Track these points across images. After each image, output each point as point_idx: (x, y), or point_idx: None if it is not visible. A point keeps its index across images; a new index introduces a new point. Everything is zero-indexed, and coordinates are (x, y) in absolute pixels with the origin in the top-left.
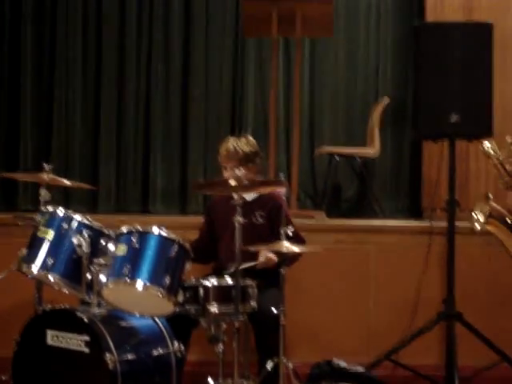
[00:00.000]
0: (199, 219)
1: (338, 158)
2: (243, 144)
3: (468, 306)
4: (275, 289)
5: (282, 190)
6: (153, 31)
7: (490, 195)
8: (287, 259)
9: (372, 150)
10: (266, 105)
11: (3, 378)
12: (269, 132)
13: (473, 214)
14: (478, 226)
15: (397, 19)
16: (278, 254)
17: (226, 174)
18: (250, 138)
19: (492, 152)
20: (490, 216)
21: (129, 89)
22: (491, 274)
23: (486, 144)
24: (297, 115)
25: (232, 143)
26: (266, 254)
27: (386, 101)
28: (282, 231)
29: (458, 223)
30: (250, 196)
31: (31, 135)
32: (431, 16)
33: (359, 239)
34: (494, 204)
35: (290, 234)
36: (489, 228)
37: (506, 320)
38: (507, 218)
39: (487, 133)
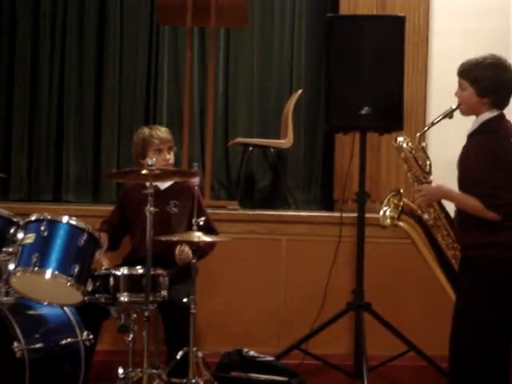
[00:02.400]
0: (111, 208)
1: (251, 149)
2: (161, 131)
3: (377, 296)
4: (186, 278)
5: (195, 180)
6: (67, 17)
7: (402, 190)
8: (199, 250)
9: (285, 142)
10: (180, 94)
11: None
12: (182, 121)
13: (383, 209)
14: (387, 222)
15: (311, 12)
16: (190, 244)
17: (165, 156)
18: (163, 128)
19: (405, 145)
20: (402, 212)
21: (42, 76)
22: (400, 266)
23: (399, 138)
24: (211, 105)
25: (158, 129)
26: (182, 250)
27: (299, 93)
28: (194, 221)
29: (368, 215)
30: (163, 185)
31: None
32: (345, 8)
33: (271, 229)
34: (406, 200)
35: (202, 223)
36: (401, 224)
37: (414, 311)
38: (416, 212)
39: (398, 126)
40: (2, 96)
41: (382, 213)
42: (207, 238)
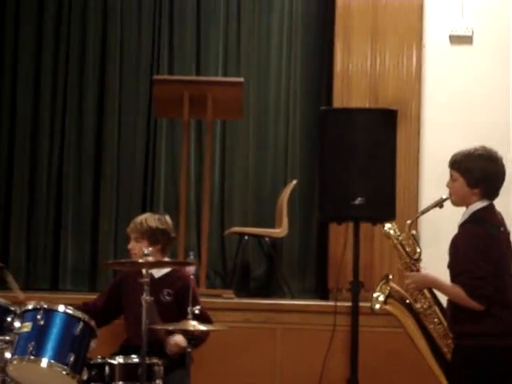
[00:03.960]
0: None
1: (247, 238)
2: (152, 219)
3: None
4: (182, 368)
5: (190, 269)
6: (67, 106)
7: (391, 276)
8: (194, 339)
9: (280, 231)
10: (177, 183)
11: None
12: (179, 211)
13: (374, 294)
14: (377, 306)
15: (305, 103)
16: (185, 333)
17: (129, 245)
18: (167, 218)
19: (392, 232)
20: (390, 296)
21: (41, 164)
22: (394, 354)
23: (387, 225)
24: (207, 196)
25: (142, 216)
26: (174, 340)
27: (293, 183)
28: (189, 310)
29: (362, 304)
30: (158, 273)
31: None
32: (338, 101)
33: (266, 318)
34: (394, 285)
35: (198, 312)
36: (388, 308)
37: None
38: (406, 299)
39: (390, 216)
40: (2, 184)
41: (373, 297)
42: (202, 327)
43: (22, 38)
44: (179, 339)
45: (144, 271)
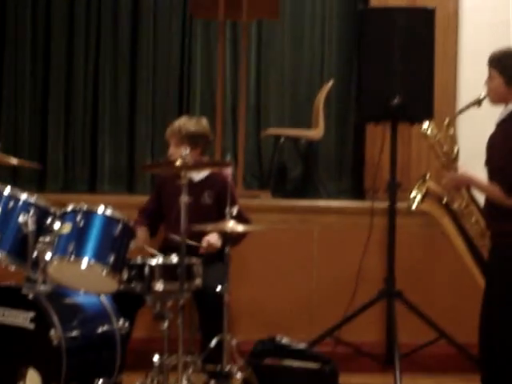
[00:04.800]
0: (146, 199)
1: (283, 139)
2: (190, 123)
3: (408, 284)
4: (220, 267)
5: (228, 171)
6: (101, 11)
7: (428, 175)
8: (231, 239)
9: (316, 132)
10: (213, 85)
11: None
12: (215, 113)
13: (411, 193)
14: (414, 205)
15: (342, 4)
16: (223, 233)
17: (169, 150)
18: (203, 120)
19: (429, 132)
20: (427, 195)
21: (77, 68)
22: (430, 253)
23: (424, 125)
24: (243, 97)
25: (180, 121)
26: (207, 240)
27: (330, 84)
28: (227, 211)
29: (399, 204)
30: (197, 176)
31: None
32: (375, 2)
33: (303, 219)
34: (432, 184)
35: (235, 213)
36: (425, 207)
37: (445, 298)
38: (444, 198)
39: (428, 115)
40: (38, 89)
41: (410, 196)
42: (240, 228)
43: None
44: (213, 239)
45: (182, 173)
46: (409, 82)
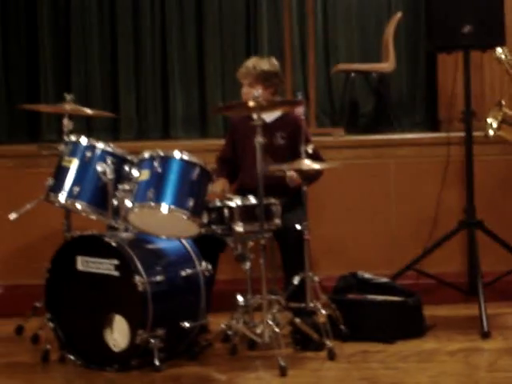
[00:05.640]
0: (220, 142)
1: (353, 75)
2: (262, 62)
3: (488, 213)
4: (298, 206)
5: (300, 110)
6: None
7: (503, 102)
8: (308, 178)
9: (387, 65)
10: (280, 25)
11: (37, 305)
12: (284, 53)
13: (486, 120)
14: (490, 132)
15: None
16: (299, 172)
17: (243, 90)
18: (273, 59)
19: (503, 57)
20: (503, 122)
21: (144, 17)
22: (509, 181)
23: (498, 50)
24: (311, 34)
25: (252, 61)
26: (290, 175)
27: (398, 15)
28: (302, 150)
29: (475, 133)
30: (269, 117)
31: (51, 66)
32: None
33: (379, 153)
34: (507, 110)
35: (310, 151)
36: (501, 133)
37: None
38: None
39: (500, 42)
40: (106, 39)
41: (486, 123)
42: (316, 166)
43: None
44: (294, 173)
45: (255, 115)
46: (479, 9)
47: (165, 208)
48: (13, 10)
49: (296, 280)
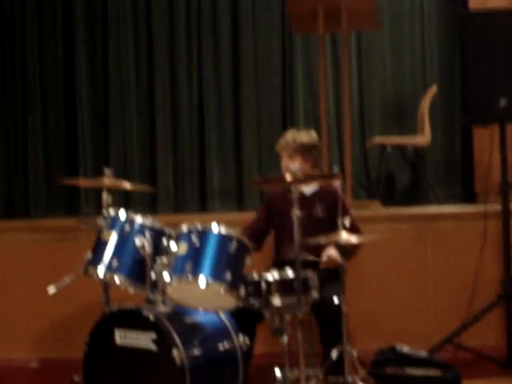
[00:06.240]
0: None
1: (389, 149)
2: (301, 135)
3: None
4: (336, 279)
5: (337, 182)
6: (201, 33)
7: None
8: (346, 251)
9: (423, 139)
10: (315, 99)
11: (76, 378)
12: (320, 126)
13: None
14: None
15: (440, 6)
16: (338, 245)
17: (282, 162)
18: (312, 131)
19: None
20: None
21: (182, 90)
22: None
23: None
24: (347, 107)
25: (291, 133)
26: (328, 255)
27: (434, 89)
28: (339, 222)
29: None
30: (308, 190)
31: (89, 140)
32: (474, 5)
33: (416, 226)
34: None
35: (348, 224)
36: None
37: None
38: None
39: None
40: (145, 114)
41: None
42: (355, 239)
43: None
44: (333, 253)
45: (293, 187)
46: None
47: (202, 281)
48: (52, 86)
49: (334, 354)
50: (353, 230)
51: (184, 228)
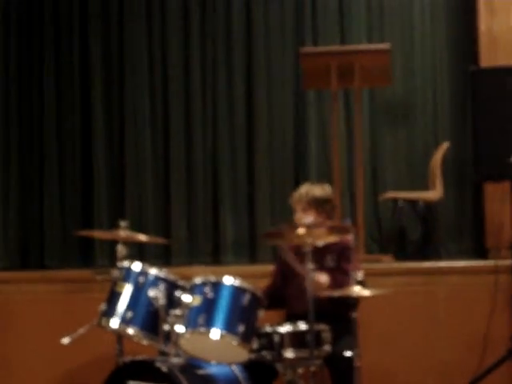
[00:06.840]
0: (269, 267)
1: (401, 203)
2: (315, 189)
3: None
4: (348, 332)
5: (350, 235)
6: (216, 85)
7: None
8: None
9: (434, 194)
10: (328, 155)
11: None
12: (332, 181)
13: None
14: None
15: (451, 63)
16: (348, 298)
17: (296, 215)
18: (327, 185)
19: None
20: None
21: (196, 143)
22: None
23: None
24: (359, 162)
25: (305, 187)
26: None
27: (445, 145)
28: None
29: None
30: (321, 242)
31: (105, 193)
32: (485, 60)
33: (428, 281)
34: None
35: (360, 278)
36: None
37: None
38: None
39: None
40: (160, 167)
41: None
42: (367, 292)
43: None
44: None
45: (307, 242)
46: None
47: (215, 333)
48: (69, 144)
49: None
50: (338, 271)
51: (197, 280)
